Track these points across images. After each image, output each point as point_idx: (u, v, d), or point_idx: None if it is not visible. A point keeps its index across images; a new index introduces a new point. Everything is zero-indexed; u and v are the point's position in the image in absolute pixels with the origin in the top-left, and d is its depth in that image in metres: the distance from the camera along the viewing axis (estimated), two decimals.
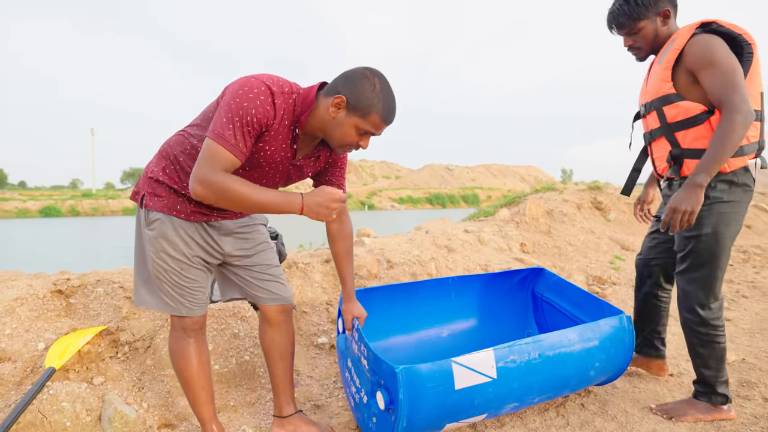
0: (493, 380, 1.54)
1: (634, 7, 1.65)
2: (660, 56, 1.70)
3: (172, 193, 1.43)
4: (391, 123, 1.39)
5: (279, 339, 1.68)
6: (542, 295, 2.34)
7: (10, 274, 2.59)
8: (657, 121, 1.71)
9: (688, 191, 1.52)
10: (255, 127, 1.28)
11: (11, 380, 1.76)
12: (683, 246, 1.72)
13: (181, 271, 1.44)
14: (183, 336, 1.51)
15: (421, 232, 4.34)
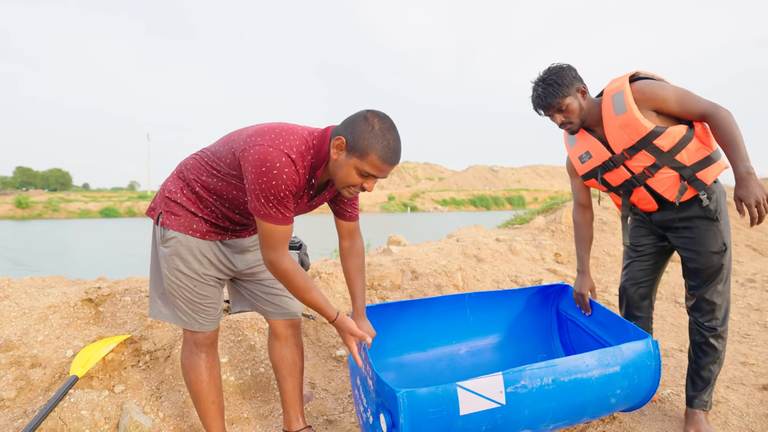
0: (502, 406, 1.47)
1: (557, 89, 1.73)
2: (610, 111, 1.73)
3: (189, 213, 1.47)
4: (393, 164, 1.34)
5: (287, 353, 1.69)
6: (567, 314, 2.23)
7: (51, 280, 2.75)
8: (650, 157, 1.71)
9: (750, 182, 1.50)
10: (288, 196, 1.33)
11: (40, 386, 1.86)
12: (713, 261, 1.74)
13: (194, 288, 1.48)
14: (195, 350, 1.54)
15: (451, 240, 4.27)
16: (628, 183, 1.81)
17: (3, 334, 1.98)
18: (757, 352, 2.56)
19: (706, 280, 1.76)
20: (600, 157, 1.82)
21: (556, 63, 1.79)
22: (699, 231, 1.74)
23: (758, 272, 4.41)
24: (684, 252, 1.81)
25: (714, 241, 1.73)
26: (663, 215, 1.83)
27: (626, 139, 1.72)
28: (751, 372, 2.30)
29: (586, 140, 1.85)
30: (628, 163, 1.76)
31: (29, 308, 2.12)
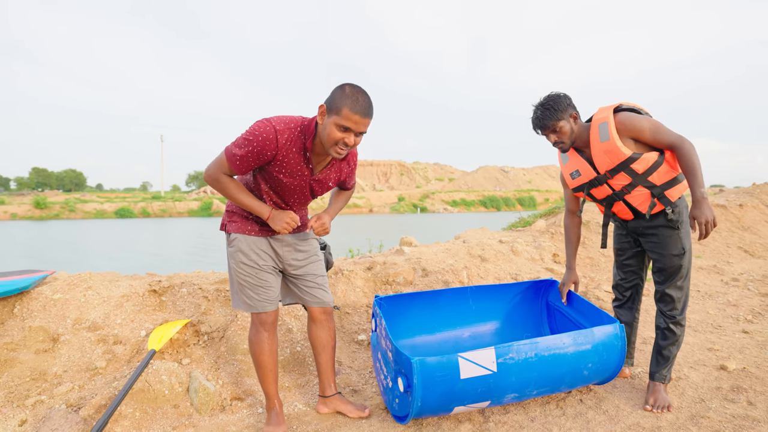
0: (494, 373, 1.89)
1: (553, 113, 2.08)
2: (596, 138, 2.09)
3: (243, 218, 1.91)
4: (362, 115, 1.66)
5: (322, 334, 2.11)
6: (554, 304, 2.63)
7: (110, 275, 3.20)
8: (628, 177, 2.07)
9: (703, 205, 1.89)
10: (252, 152, 1.70)
11: (123, 358, 2.31)
12: (674, 262, 2.12)
13: (256, 275, 1.89)
14: (260, 330, 1.95)
15: (458, 242, 4.67)
16: (609, 197, 2.19)
17: (90, 317, 2.43)
18: (724, 340, 2.94)
19: (669, 277, 2.14)
20: (587, 176, 2.19)
21: (555, 91, 2.16)
22: (663, 237, 2.13)
23: (745, 272, 4.74)
24: (652, 254, 2.20)
25: (675, 246, 2.11)
26: (636, 223, 2.21)
27: (608, 162, 2.08)
28: (714, 356, 2.67)
29: (576, 160, 2.22)
30: (610, 181, 2.13)
31: (107, 297, 2.57)
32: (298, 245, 2.02)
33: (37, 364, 2.19)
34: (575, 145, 2.20)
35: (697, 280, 4.34)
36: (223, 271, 3.48)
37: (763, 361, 2.56)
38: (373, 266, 3.53)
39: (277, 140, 1.70)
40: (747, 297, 3.90)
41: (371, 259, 3.70)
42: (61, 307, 2.45)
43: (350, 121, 1.66)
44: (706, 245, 5.65)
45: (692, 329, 3.16)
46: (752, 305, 3.67)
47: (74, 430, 1.86)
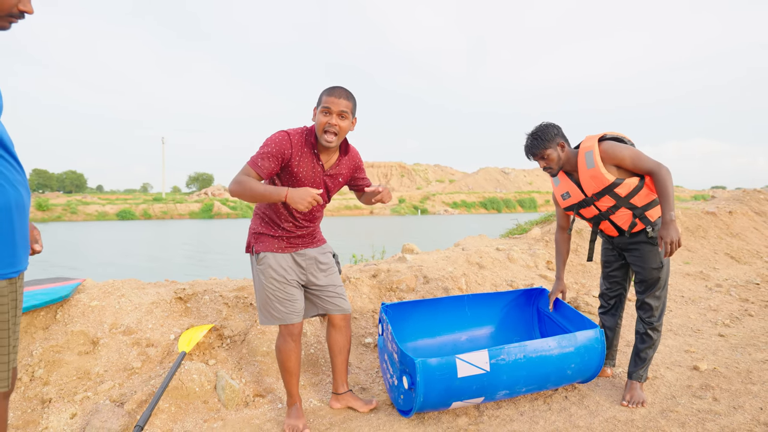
0: (487, 372, 2.15)
1: (541, 142, 2.36)
2: (583, 165, 2.35)
3: (270, 237, 2.16)
4: (337, 96, 1.98)
5: (340, 338, 2.36)
6: (544, 311, 2.89)
7: (135, 283, 3.47)
8: (612, 200, 2.34)
9: (670, 227, 2.13)
10: (277, 156, 1.99)
11: (155, 359, 2.57)
12: (653, 275, 2.38)
13: (284, 290, 2.13)
14: (288, 339, 2.17)
15: (457, 249, 4.94)
16: (596, 217, 2.46)
17: (125, 322, 2.70)
18: (700, 343, 3.20)
19: (648, 287, 2.41)
20: (576, 198, 2.45)
21: (545, 121, 2.44)
22: (644, 252, 2.39)
23: (729, 278, 5.01)
24: (634, 267, 2.47)
25: (654, 260, 2.37)
26: (621, 240, 2.48)
27: (594, 186, 2.35)
28: (690, 357, 2.93)
29: (566, 183, 2.48)
30: (597, 203, 2.40)
31: (139, 304, 2.84)
32: (319, 258, 2.27)
33: (81, 365, 2.45)
34: (565, 169, 2.47)
35: (682, 285, 4.61)
36: (237, 278, 3.75)
37: (733, 362, 2.83)
38: (378, 273, 3.79)
39: (290, 140, 2.03)
40: (728, 302, 4.16)
41: (376, 266, 3.97)
42: (98, 313, 2.71)
43: (328, 102, 1.98)
44: (694, 252, 5.91)
45: (673, 333, 3.43)
46: (731, 310, 3.93)
47: (120, 422, 2.13)
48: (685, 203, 8.53)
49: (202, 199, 54.26)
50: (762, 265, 5.74)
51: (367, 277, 3.69)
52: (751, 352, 2.98)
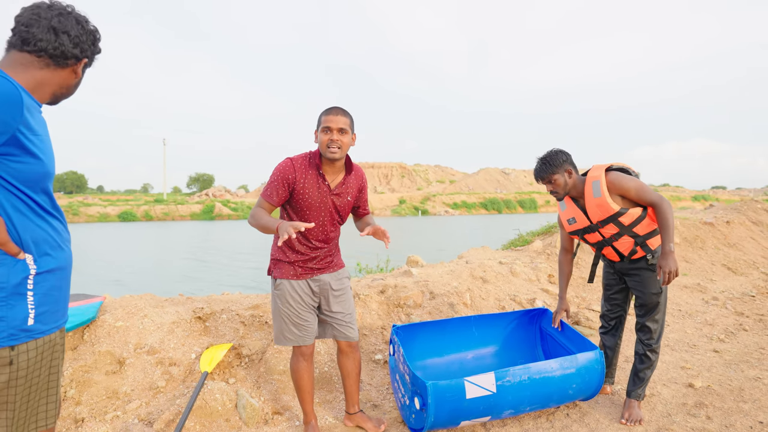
0: (494, 393, 2.29)
1: (549, 167, 2.52)
2: (590, 193, 2.49)
3: (286, 264, 2.29)
4: (334, 114, 2.14)
5: (347, 363, 2.46)
6: (546, 330, 3.04)
7: (152, 299, 3.61)
8: (616, 228, 2.48)
9: (670, 257, 2.28)
10: (279, 181, 2.16)
11: (178, 378, 2.72)
12: (653, 300, 2.53)
13: (298, 314, 2.27)
14: (300, 359, 2.33)
15: (461, 262, 5.08)
16: (600, 242, 2.60)
17: (148, 342, 2.84)
18: (696, 359, 3.34)
19: (648, 311, 2.55)
20: (582, 223, 2.59)
21: (555, 148, 2.59)
22: (644, 278, 2.53)
23: (726, 290, 5.15)
24: (634, 291, 2.62)
25: (654, 285, 2.51)
26: (622, 265, 2.62)
27: (600, 214, 2.48)
28: (685, 374, 3.08)
29: (573, 209, 2.61)
30: (601, 230, 2.54)
31: (161, 324, 2.98)
32: (332, 284, 2.35)
33: (109, 384, 2.60)
34: (571, 195, 2.61)
35: (680, 299, 4.75)
36: (248, 292, 3.90)
37: (726, 379, 2.97)
38: (386, 289, 3.94)
39: (293, 165, 2.20)
40: (723, 316, 4.30)
41: (383, 281, 4.11)
42: (123, 333, 2.86)
43: (327, 121, 2.14)
44: (692, 263, 6.05)
45: (670, 348, 3.57)
46: (727, 324, 4.07)
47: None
48: (683, 212, 8.67)
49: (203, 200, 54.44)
50: (758, 275, 5.88)
51: (375, 293, 3.84)
52: (744, 368, 3.12)
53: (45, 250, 1.33)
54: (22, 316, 1.28)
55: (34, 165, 1.28)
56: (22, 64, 1.32)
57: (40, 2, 1.35)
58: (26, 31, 1.31)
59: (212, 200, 53.53)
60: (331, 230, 2.31)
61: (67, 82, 1.41)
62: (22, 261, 1.28)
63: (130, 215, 45.55)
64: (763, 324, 4.07)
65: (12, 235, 1.27)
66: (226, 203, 51.02)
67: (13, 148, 1.22)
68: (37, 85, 1.34)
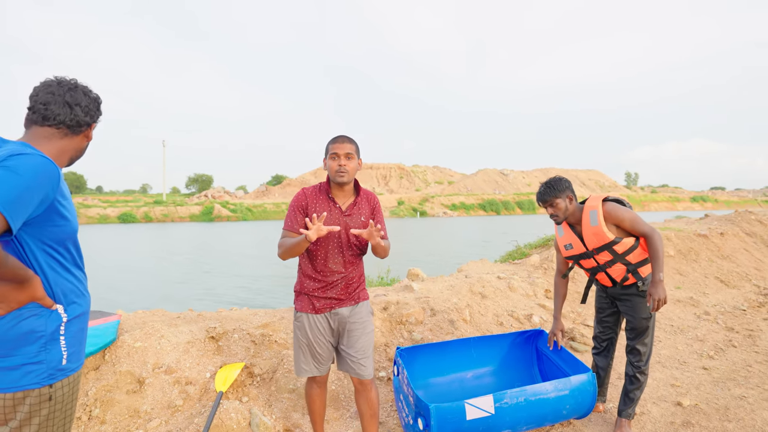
0: (492, 415, 2.45)
1: (553, 191, 2.68)
2: (587, 221, 2.66)
3: (306, 297, 2.35)
4: (340, 142, 2.28)
5: (361, 403, 2.45)
6: (542, 351, 3.20)
7: (163, 315, 3.76)
8: (610, 255, 2.66)
9: (660, 286, 2.49)
10: (295, 210, 2.31)
11: (195, 397, 2.87)
12: (643, 324, 2.71)
13: (314, 347, 2.34)
14: (314, 386, 2.43)
15: (461, 276, 5.24)
16: (594, 268, 2.78)
17: (165, 362, 3.00)
18: (686, 376, 3.51)
19: (638, 335, 2.73)
20: (578, 250, 2.77)
21: (558, 175, 2.77)
22: (635, 303, 2.71)
23: (718, 304, 5.32)
24: (626, 315, 2.79)
25: (644, 311, 2.69)
26: (614, 290, 2.80)
27: (596, 242, 2.67)
28: (675, 392, 3.24)
29: (570, 235, 2.80)
30: (596, 256, 2.72)
31: (176, 344, 3.14)
32: (350, 320, 2.36)
33: (131, 403, 2.75)
34: (569, 221, 2.79)
35: (672, 314, 4.91)
36: (255, 307, 4.05)
37: (713, 397, 3.13)
38: (388, 306, 4.10)
39: (305, 193, 2.36)
40: (714, 331, 4.47)
41: (386, 298, 4.27)
42: (141, 353, 3.01)
43: (334, 149, 2.28)
44: (686, 276, 6.22)
45: (661, 365, 3.73)
46: (716, 340, 4.24)
47: None
48: (678, 223, 8.83)
49: (203, 202, 54.54)
50: (750, 288, 6.05)
51: (378, 310, 3.99)
52: (730, 387, 3.29)
53: (72, 299, 1.52)
54: (58, 358, 1.46)
55: (64, 226, 1.47)
56: (45, 137, 1.52)
57: (50, 80, 1.55)
58: (45, 109, 1.51)
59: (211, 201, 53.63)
60: (348, 256, 2.34)
61: (81, 146, 1.62)
62: (55, 311, 1.47)
63: (130, 217, 45.64)
64: (751, 340, 4.24)
65: (46, 289, 1.46)
66: (225, 204, 51.13)
67: (50, 214, 1.41)
68: (60, 153, 1.55)
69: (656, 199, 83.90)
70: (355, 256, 2.38)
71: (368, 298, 2.49)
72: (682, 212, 50.54)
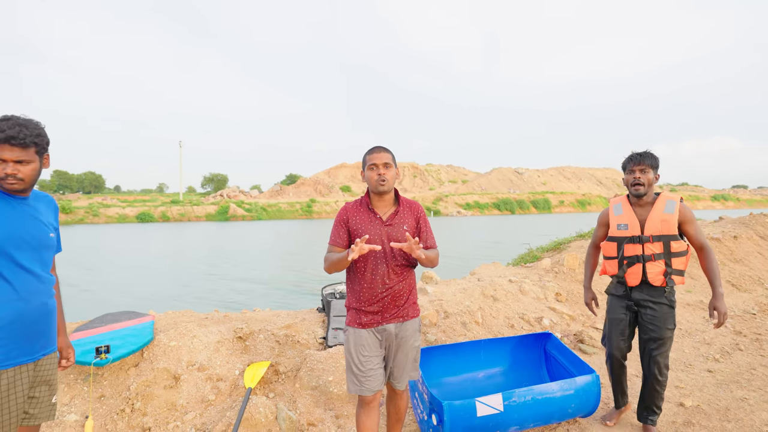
0: (501, 412, 2.64)
1: (654, 159, 2.66)
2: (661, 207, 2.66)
3: (354, 311, 2.34)
4: (376, 152, 2.30)
5: (390, 407, 2.56)
6: (550, 352, 3.37)
7: (191, 315, 4.01)
8: (661, 248, 2.64)
9: (722, 300, 2.57)
10: (339, 224, 2.33)
11: (225, 392, 3.11)
12: (666, 334, 2.69)
13: (361, 363, 2.27)
14: (360, 408, 2.31)
15: (473, 279, 5.42)
16: (635, 257, 2.68)
17: (198, 360, 3.24)
18: (690, 378, 3.64)
19: (660, 345, 2.68)
20: (632, 232, 2.69)
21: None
22: (662, 312, 2.67)
23: (728, 308, 5.40)
24: (647, 325, 2.71)
25: (670, 321, 2.68)
26: (641, 295, 2.72)
27: (659, 229, 2.63)
28: (678, 393, 3.38)
29: (629, 215, 2.73)
30: (647, 244, 2.64)
31: (207, 343, 3.39)
32: (398, 335, 2.34)
33: (168, 397, 3.00)
34: (639, 200, 2.73)
35: (681, 317, 5.02)
36: (277, 308, 4.28)
37: (715, 399, 3.27)
38: None
39: (346, 207, 2.39)
40: (722, 335, 4.58)
41: None
42: (176, 352, 3.26)
43: (372, 159, 2.31)
44: (697, 279, 6.30)
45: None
46: (723, 344, 4.35)
47: None
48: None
49: (218, 201, 55.34)
50: (762, 292, 6.11)
51: None
52: (733, 389, 3.42)
53: None
54: None
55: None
56: None
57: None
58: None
59: (227, 201, 54.38)
60: (393, 267, 2.30)
61: None
62: None
63: (148, 216, 46.55)
64: (758, 344, 4.34)
65: None
66: (240, 204, 51.82)
67: None
68: None
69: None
70: (400, 267, 2.32)
71: (418, 315, 2.43)
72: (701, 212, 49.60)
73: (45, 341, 1.92)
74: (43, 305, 1.88)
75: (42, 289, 1.88)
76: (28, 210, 1.87)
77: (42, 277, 1.89)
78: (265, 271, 15.17)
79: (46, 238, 1.90)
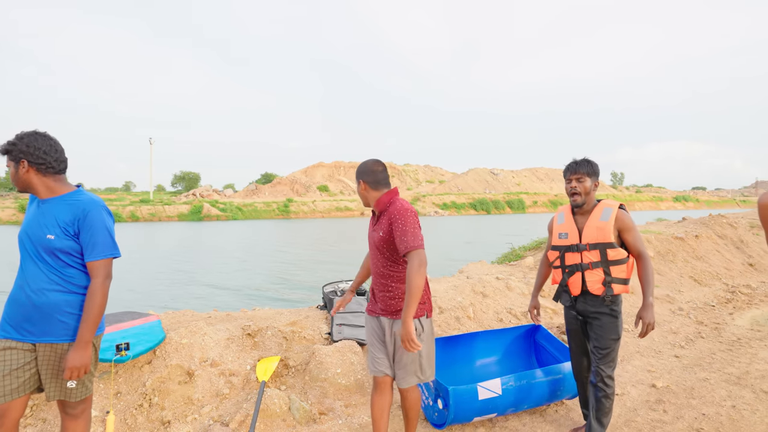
0: (499, 395, 2.92)
1: (590, 166, 2.62)
2: (597, 215, 2.61)
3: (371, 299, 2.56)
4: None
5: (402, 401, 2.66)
6: (540, 343, 3.69)
7: (193, 316, 4.17)
8: (598, 257, 2.58)
9: (650, 310, 2.45)
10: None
11: (238, 386, 3.30)
12: (610, 344, 2.61)
13: (371, 345, 2.51)
14: (374, 391, 2.50)
15: (462, 277, 5.72)
16: (574, 266, 2.65)
17: (210, 356, 3.41)
18: (660, 363, 4.03)
19: (605, 355, 2.58)
20: (571, 241, 2.66)
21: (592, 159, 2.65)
22: (605, 323, 2.59)
23: (691, 301, 5.88)
24: (593, 335, 2.64)
25: (613, 331, 2.59)
26: (584, 307, 2.65)
27: (594, 237, 2.56)
28: (650, 376, 3.75)
29: (570, 224, 2.69)
30: (584, 252, 2.59)
31: (218, 340, 3.56)
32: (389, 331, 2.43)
33: (184, 392, 3.16)
34: (578, 210, 2.70)
35: None
36: (281, 307, 4.46)
37: (682, 380, 3.65)
38: None
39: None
40: (686, 325, 5.02)
41: None
42: (188, 349, 3.42)
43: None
44: (663, 275, 6.79)
45: (639, 354, 4.25)
46: (688, 333, 4.78)
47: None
48: (658, 225, 9.43)
49: (191, 201, 54.27)
50: (720, 286, 6.64)
51: None
52: (697, 371, 3.82)
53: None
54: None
55: None
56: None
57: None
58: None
59: (200, 200, 53.42)
60: (381, 264, 2.42)
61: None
62: None
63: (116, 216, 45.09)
64: (717, 332, 4.79)
65: None
66: (214, 203, 50.96)
67: None
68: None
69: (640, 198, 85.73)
70: (388, 261, 2.39)
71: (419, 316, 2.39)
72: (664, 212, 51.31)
73: (43, 329, 2.04)
74: (38, 293, 2.03)
75: (43, 279, 2.05)
76: (39, 211, 2.10)
77: (47, 270, 2.05)
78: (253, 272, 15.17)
79: (42, 238, 2.05)
